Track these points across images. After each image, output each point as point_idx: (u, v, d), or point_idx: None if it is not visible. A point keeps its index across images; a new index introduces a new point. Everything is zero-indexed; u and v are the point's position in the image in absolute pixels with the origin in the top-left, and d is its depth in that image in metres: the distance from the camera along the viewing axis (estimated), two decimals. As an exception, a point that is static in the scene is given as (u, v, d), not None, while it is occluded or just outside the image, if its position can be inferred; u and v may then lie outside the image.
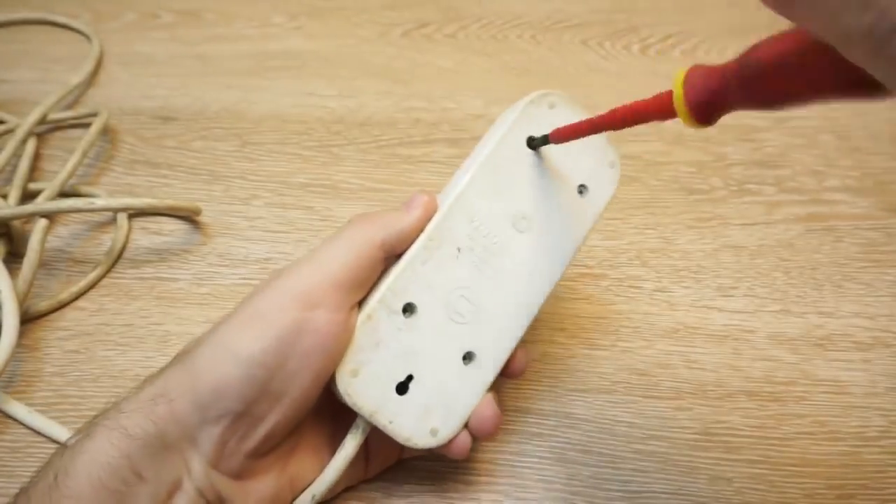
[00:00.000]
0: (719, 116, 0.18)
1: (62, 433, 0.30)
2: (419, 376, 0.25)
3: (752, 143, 0.44)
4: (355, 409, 0.24)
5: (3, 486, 0.29)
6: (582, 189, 0.28)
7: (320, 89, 0.49)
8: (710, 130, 0.45)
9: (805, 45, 0.16)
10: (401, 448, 0.28)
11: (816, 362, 0.33)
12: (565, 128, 0.25)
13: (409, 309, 0.25)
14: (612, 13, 0.56)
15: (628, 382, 0.32)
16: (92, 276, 0.37)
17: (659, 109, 0.19)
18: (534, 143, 0.26)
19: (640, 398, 0.32)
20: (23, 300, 0.33)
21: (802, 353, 0.33)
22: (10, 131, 0.43)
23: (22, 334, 0.32)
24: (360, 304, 0.25)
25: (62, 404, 0.32)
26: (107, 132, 0.45)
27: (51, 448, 0.30)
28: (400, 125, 0.46)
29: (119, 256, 0.38)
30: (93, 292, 0.36)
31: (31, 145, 0.42)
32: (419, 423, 0.25)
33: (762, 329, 0.34)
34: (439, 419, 0.25)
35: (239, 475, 0.24)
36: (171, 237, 0.39)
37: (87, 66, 0.49)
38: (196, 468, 0.23)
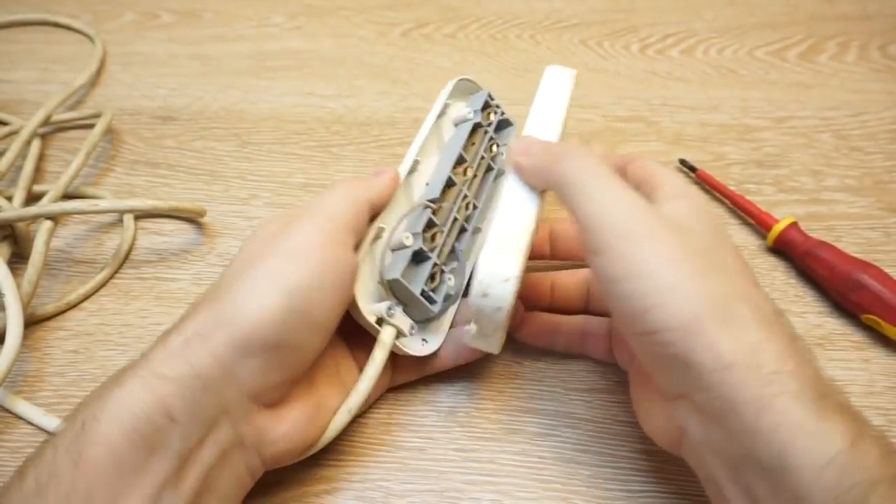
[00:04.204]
0: None
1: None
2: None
3: (752, 142, 0.44)
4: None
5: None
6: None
7: (320, 89, 0.49)
8: (709, 130, 0.45)
9: None
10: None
11: (815, 362, 0.33)
12: None
13: None
14: (611, 13, 0.56)
15: (629, 382, 0.32)
16: (100, 277, 0.37)
17: None
18: None
19: (640, 398, 0.32)
20: (27, 302, 0.33)
21: (801, 353, 0.34)
22: (14, 132, 0.43)
23: (25, 336, 0.32)
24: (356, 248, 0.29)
25: (62, 404, 0.32)
26: (107, 132, 0.45)
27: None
28: (399, 125, 0.46)
29: (126, 258, 0.38)
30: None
31: (35, 147, 0.42)
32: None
33: (761, 328, 0.34)
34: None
35: (274, 404, 0.26)
36: (170, 237, 0.39)
37: (91, 67, 0.49)
38: (236, 405, 0.24)
